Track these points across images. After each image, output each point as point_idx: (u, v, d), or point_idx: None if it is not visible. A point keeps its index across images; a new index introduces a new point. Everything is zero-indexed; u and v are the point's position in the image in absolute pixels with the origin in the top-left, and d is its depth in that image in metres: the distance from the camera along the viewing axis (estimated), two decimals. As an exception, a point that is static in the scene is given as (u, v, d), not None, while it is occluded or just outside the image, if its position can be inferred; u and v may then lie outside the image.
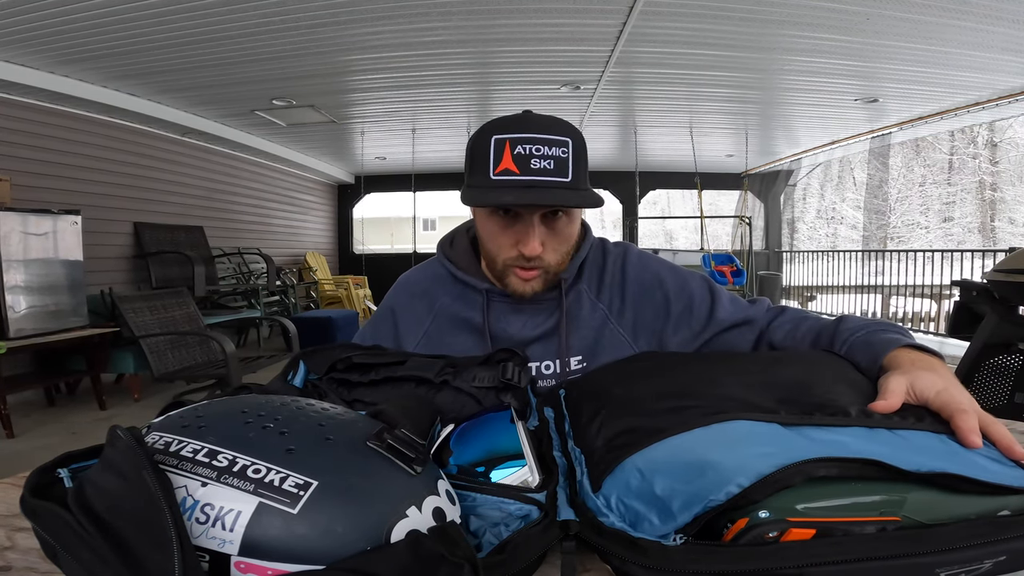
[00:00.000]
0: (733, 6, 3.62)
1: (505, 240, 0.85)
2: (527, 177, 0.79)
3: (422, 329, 0.97)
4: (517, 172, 0.79)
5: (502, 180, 0.79)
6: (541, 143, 0.79)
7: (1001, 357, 2.22)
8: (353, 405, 0.72)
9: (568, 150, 0.80)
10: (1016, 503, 0.43)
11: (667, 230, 19.74)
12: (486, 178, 0.81)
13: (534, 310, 0.94)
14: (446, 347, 0.93)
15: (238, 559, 0.36)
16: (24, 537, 0.53)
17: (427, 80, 5.06)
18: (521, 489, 0.51)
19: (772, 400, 0.56)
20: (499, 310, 0.94)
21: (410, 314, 0.98)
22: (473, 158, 0.84)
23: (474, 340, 0.93)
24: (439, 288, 0.98)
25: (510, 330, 0.93)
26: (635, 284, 0.96)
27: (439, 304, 0.97)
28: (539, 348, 0.93)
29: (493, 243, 0.87)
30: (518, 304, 0.93)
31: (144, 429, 0.44)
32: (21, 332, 3.69)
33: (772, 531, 0.40)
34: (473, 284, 0.94)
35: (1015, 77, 4.78)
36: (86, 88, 4.58)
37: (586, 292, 0.96)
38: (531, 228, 0.83)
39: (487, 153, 0.81)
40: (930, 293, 6.55)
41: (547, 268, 0.88)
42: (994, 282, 2.22)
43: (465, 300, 0.95)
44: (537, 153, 0.79)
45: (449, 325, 0.95)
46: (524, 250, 0.83)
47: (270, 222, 8.06)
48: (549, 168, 0.79)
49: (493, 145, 0.80)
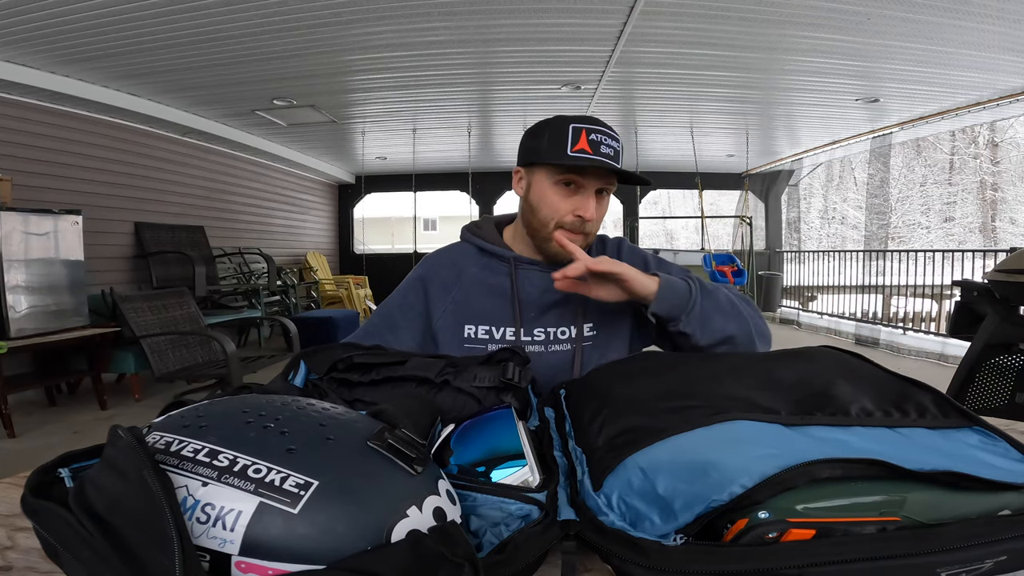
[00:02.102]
0: (734, 6, 3.62)
1: (566, 206, 0.99)
2: (598, 157, 0.95)
3: (450, 295, 1.06)
4: (591, 152, 0.95)
5: (579, 156, 0.94)
6: (607, 136, 0.96)
7: (1002, 357, 2.21)
8: (354, 405, 0.72)
9: (620, 147, 0.99)
10: (1017, 502, 0.43)
11: (668, 230, 19.72)
12: (563, 153, 0.95)
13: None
14: (473, 311, 1.04)
15: (239, 559, 0.36)
16: (25, 537, 0.53)
17: (428, 80, 5.06)
18: (521, 489, 0.51)
19: (774, 400, 0.56)
20: (524, 276, 1.05)
21: (439, 282, 1.08)
22: (549, 138, 0.98)
23: (501, 304, 1.04)
24: (467, 260, 1.09)
25: (534, 294, 1.04)
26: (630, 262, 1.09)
27: (467, 274, 1.08)
28: (557, 313, 1.04)
29: (552, 207, 1.00)
30: (542, 271, 1.04)
31: (145, 429, 0.44)
32: (22, 332, 3.69)
33: (772, 531, 0.40)
34: (500, 254, 1.07)
35: (1016, 77, 4.77)
36: (87, 88, 4.58)
37: None
38: (590, 197, 0.99)
39: (565, 135, 0.95)
40: (931, 293, 6.55)
41: (588, 234, 1.02)
42: (995, 282, 2.22)
43: (492, 269, 1.07)
44: (605, 142, 0.96)
45: (477, 291, 1.06)
46: (585, 214, 0.98)
47: (271, 222, 8.06)
48: (611, 155, 0.96)
49: (572, 131, 0.95)
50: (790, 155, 8.43)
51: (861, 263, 7.96)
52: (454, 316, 1.04)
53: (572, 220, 0.99)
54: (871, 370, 0.66)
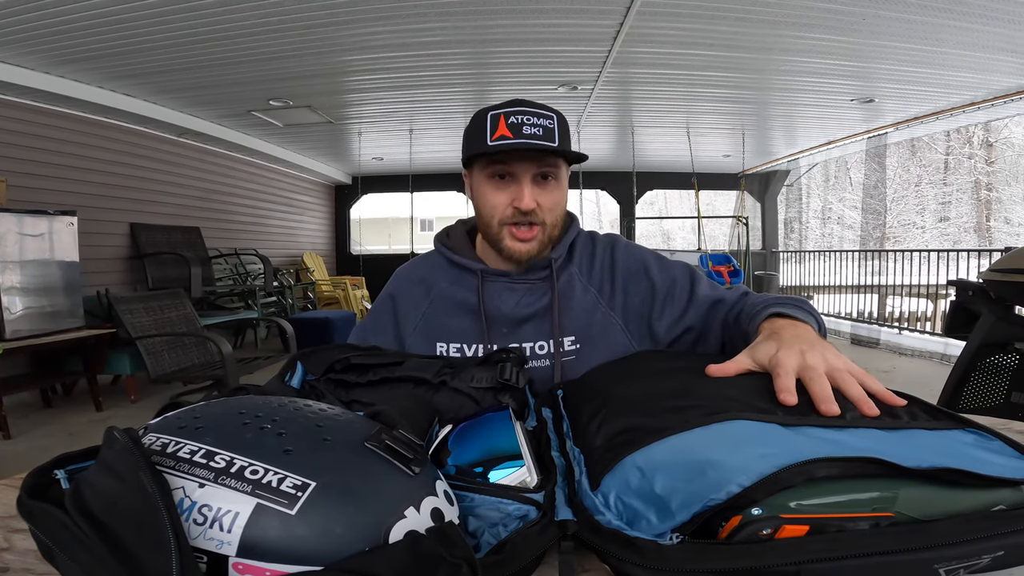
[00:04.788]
0: (730, 7, 3.63)
1: (501, 199, 0.93)
2: (520, 140, 0.88)
3: (420, 312, 1.01)
4: (511, 137, 0.88)
5: (499, 144, 0.88)
6: (531, 115, 0.89)
7: (997, 356, 2.22)
8: (351, 406, 0.72)
9: (554, 122, 0.91)
10: (1011, 498, 0.43)
11: (664, 230, 19.75)
12: (484, 144, 0.90)
13: (526, 289, 0.98)
14: (443, 328, 0.99)
15: (236, 560, 0.36)
16: (21, 538, 0.53)
17: (425, 80, 5.06)
18: (519, 489, 0.51)
19: (771, 400, 0.56)
20: (493, 290, 0.98)
21: (409, 299, 1.03)
22: (471, 135, 0.94)
23: (469, 321, 0.98)
24: (437, 274, 1.04)
25: (504, 308, 0.97)
26: (624, 271, 1.01)
27: (436, 289, 1.02)
28: (532, 328, 0.97)
29: (489, 204, 0.94)
30: (511, 283, 0.98)
31: (141, 430, 0.43)
32: (17, 333, 3.68)
33: (766, 528, 0.40)
34: (467, 265, 1.00)
35: (1010, 77, 4.80)
36: (82, 89, 4.56)
37: (577, 275, 1.00)
38: (524, 184, 0.91)
39: (484, 125, 0.90)
40: (926, 293, 6.57)
41: (543, 226, 0.94)
42: (990, 281, 2.23)
43: (461, 283, 1.00)
44: (528, 122, 0.89)
45: (446, 307, 1.00)
46: (520, 204, 0.91)
47: (267, 223, 8.04)
48: (539, 134, 0.89)
49: (489, 119, 0.90)
50: (786, 155, 8.45)
51: (857, 263, 7.99)
52: (424, 334, 0.99)
53: (511, 213, 0.92)
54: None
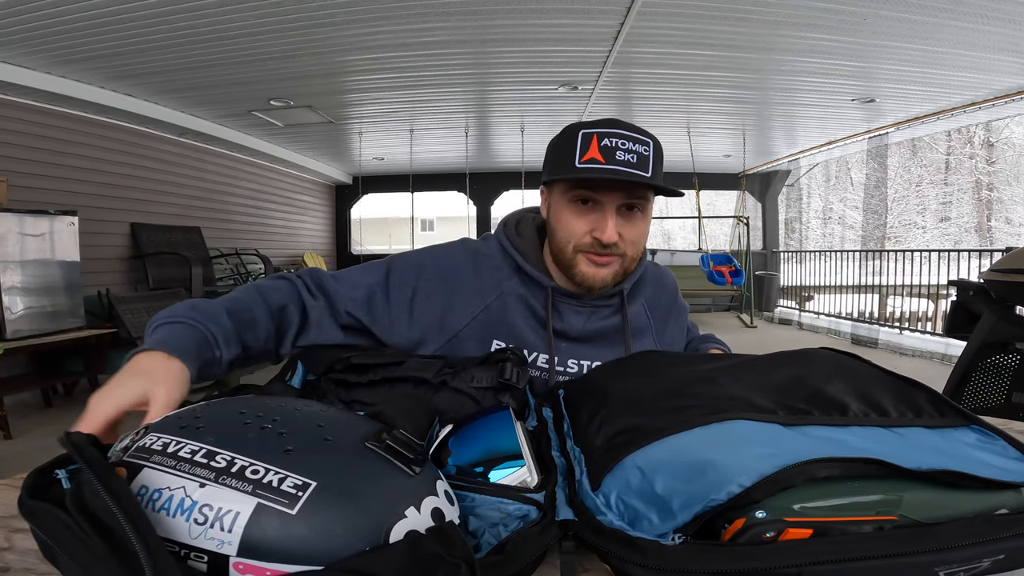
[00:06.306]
0: (730, 7, 3.62)
1: (581, 226, 0.87)
2: (612, 166, 0.81)
3: (483, 302, 0.93)
4: (603, 161, 0.81)
5: (589, 167, 0.81)
6: (626, 139, 0.82)
7: (998, 356, 2.22)
8: (352, 406, 0.72)
9: (650, 149, 0.84)
10: (1014, 501, 0.43)
11: (665, 230, 19.73)
12: (571, 166, 0.82)
13: (591, 312, 0.95)
14: (507, 327, 0.93)
15: (237, 560, 0.36)
16: (22, 538, 0.53)
17: (425, 80, 5.05)
18: (519, 489, 0.51)
19: (771, 400, 0.56)
20: (561, 309, 0.94)
21: (475, 283, 0.94)
22: (558, 151, 0.86)
23: (534, 327, 0.94)
24: (509, 270, 0.96)
25: (569, 329, 0.94)
26: (679, 311, 1.09)
27: (507, 286, 0.94)
28: (592, 348, 0.95)
29: (567, 229, 0.88)
30: (579, 306, 0.94)
31: (143, 430, 0.44)
32: (18, 333, 3.68)
33: (770, 531, 0.40)
34: (539, 280, 0.93)
35: (1011, 77, 4.79)
36: (83, 88, 4.56)
37: (643, 307, 1.01)
38: (608, 215, 0.85)
39: (574, 144, 0.83)
40: (927, 293, 6.56)
41: (622, 257, 0.89)
42: (991, 282, 2.22)
43: (530, 290, 0.94)
44: (622, 147, 0.81)
45: (515, 306, 0.94)
46: (602, 236, 0.85)
47: (268, 223, 8.04)
48: (632, 161, 0.81)
49: (581, 137, 0.83)
50: (787, 155, 8.44)
51: (858, 263, 7.98)
52: (482, 325, 0.92)
53: (590, 242, 0.86)
54: (869, 371, 0.66)
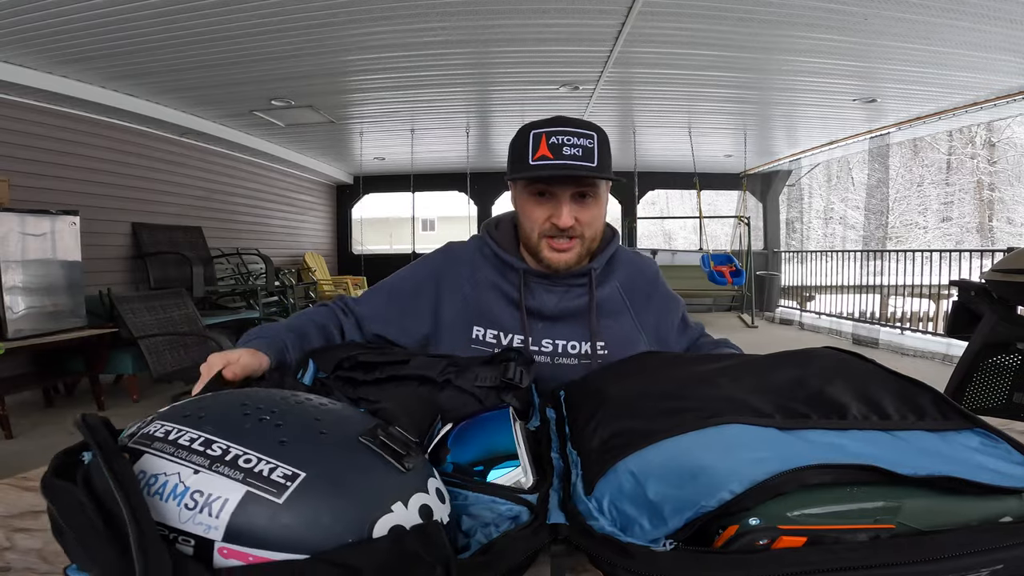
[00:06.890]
0: (731, 6, 3.62)
1: (540, 214, 1.00)
2: (560, 161, 0.94)
3: (461, 293, 1.07)
4: (552, 157, 0.94)
5: (540, 164, 0.95)
6: (572, 135, 0.95)
7: (999, 357, 2.21)
8: (358, 403, 0.72)
9: (594, 142, 0.96)
10: (1017, 508, 0.42)
11: (666, 230, 19.72)
12: (526, 164, 0.96)
13: (564, 291, 1.05)
14: (484, 313, 1.05)
15: (222, 545, 0.36)
16: (23, 538, 0.53)
17: (426, 80, 5.05)
18: (513, 490, 0.51)
19: (769, 402, 0.55)
20: (533, 289, 1.05)
21: (453, 276, 1.09)
22: (515, 151, 0.99)
23: (510, 311, 1.05)
24: (483, 260, 1.09)
25: (543, 307, 1.04)
26: (663, 298, 1.14)
27: (481, 274, 1.08)
28: (566, 327, 1.05)
29: (529, 218, 1.01)
30: (551, 285, 1.05)
31: (150, 418, 0.44)
32: (20, 333, 3.68)
33: (763, 538, 0.40)
34: (511, 263, 1.06)
35: (1013, 77, 4.78)
36: (85, 88, 4.57)
37: (617, 289, 1.08)
38: (563, 203, 0.97)
39: (527, 144, 0.96)
40: (928, 293, 6.55)
41: (581, 239, 1.01)
42: (992, 282, 2.22)
43: (504, 276, 1.07)
44: (568, 143, 0.94)
45: (489, 292, 1.06)
46: (558, 222, 0.97)
47: (269, 222, 8.04)
48: (578, 155, 0.94)
49: (532, 137, 0.96)
50: (788, 155, 8.44)
51: (859, 263, 7.96)
52: (463, 315, 1.05)
53: (549, 227, 0.99)
54: (871, 371, 0.64)
